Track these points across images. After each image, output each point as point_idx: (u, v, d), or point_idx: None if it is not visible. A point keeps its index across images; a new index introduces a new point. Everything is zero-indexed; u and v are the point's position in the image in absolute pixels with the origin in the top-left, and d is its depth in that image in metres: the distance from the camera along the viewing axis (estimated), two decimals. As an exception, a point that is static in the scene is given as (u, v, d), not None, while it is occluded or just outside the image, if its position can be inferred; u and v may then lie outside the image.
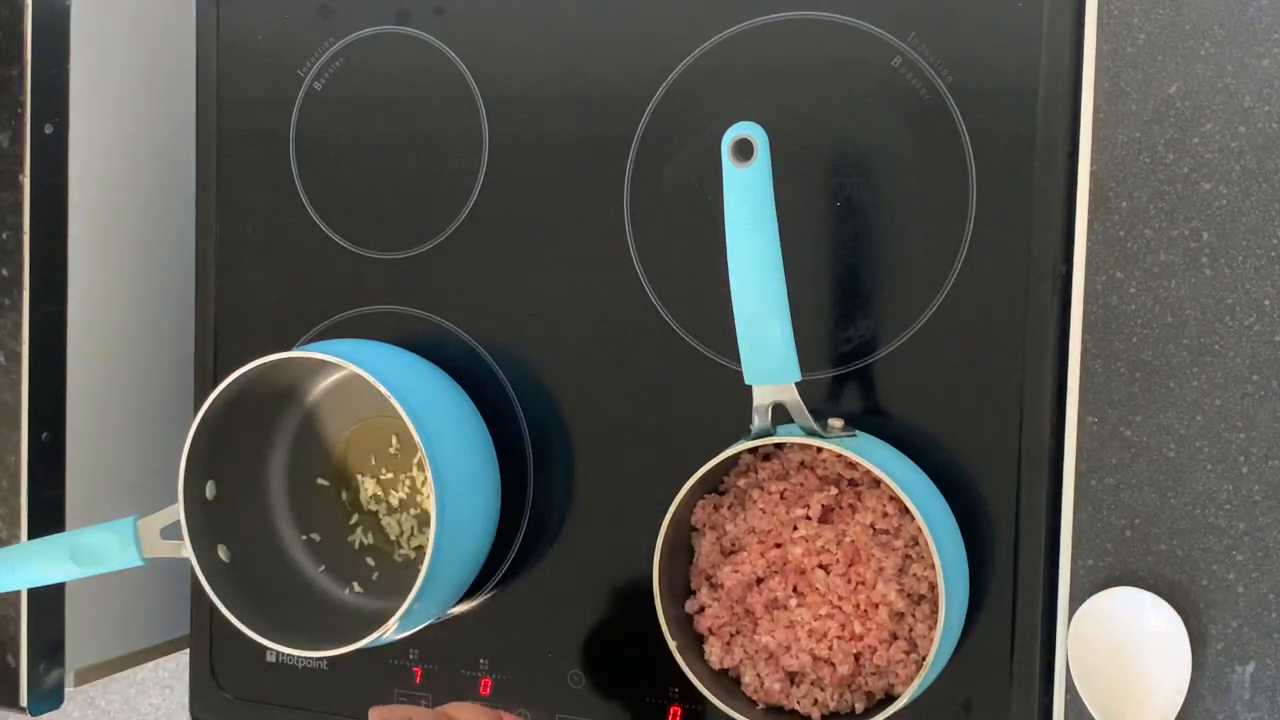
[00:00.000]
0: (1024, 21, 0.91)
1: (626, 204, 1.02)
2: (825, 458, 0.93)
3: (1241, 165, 0.85)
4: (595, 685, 1.03)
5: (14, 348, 1.13)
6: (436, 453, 0.97)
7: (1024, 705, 0.92)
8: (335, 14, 1.11)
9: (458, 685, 1.07)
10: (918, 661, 0.90)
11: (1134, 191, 0.88)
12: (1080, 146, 0.89)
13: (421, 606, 0.99)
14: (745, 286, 0.88)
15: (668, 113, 1.01)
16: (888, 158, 0.95)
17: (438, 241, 1.08)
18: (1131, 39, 0.87)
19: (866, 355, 0.96)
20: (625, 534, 1.00)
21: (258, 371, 1.02)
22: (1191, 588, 0.87)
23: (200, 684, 1.16)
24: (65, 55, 1.13)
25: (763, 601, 0.93)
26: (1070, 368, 0.89)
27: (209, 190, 1.15)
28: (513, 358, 1.06)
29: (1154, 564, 0.87)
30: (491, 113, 1.06)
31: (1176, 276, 0.87)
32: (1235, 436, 0.86)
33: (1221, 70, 0.85)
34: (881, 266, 0.96)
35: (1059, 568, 0.90)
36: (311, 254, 1.12)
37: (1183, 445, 0.87)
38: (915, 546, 0.91)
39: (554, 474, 1.05)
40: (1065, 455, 0.90)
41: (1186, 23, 0.86)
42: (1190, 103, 0.86)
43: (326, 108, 1.12)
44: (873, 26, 0.95)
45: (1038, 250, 0.91)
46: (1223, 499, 0.86)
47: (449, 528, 0.97)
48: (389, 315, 1.09)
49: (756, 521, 0.93)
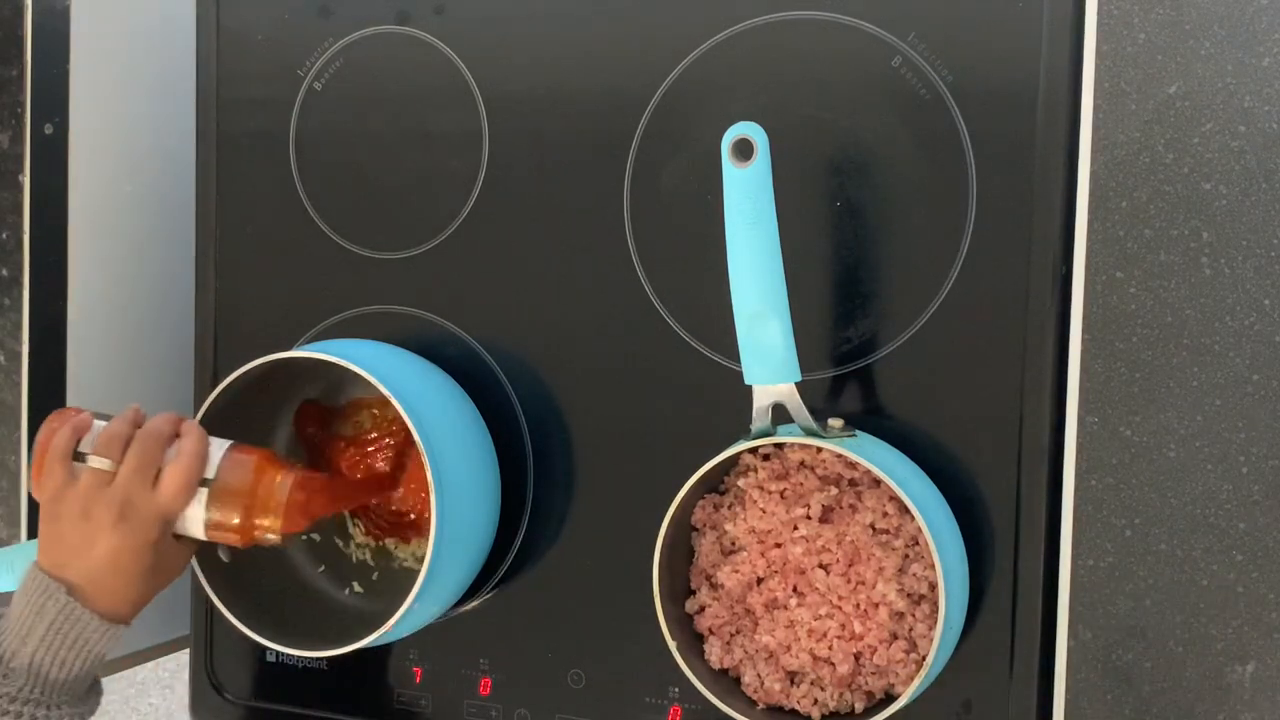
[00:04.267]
0: (1024, 21, 0.91)
1: (626, 204, 1.02)
2: (825, 458, 0.93)
3: (1241, 165, 0.85)
4: (595, 685, 1.03)
5: (14, 348, 1.13)
6: (436, 453, 0.97)
7: (1024, 705, 0.92)
8: (335, 14, 1.11)
9: (458, 685, 1.07)
10: (918, 661, 0.90)
11: (1134, 191, 0.88)
12: (1080, 146, 0.89)
13: (421, 606, 0.99)
14: (745, 286, 0.88)
15: (668, 113, 1.01)
16: (888, 158, 0.95)
17: (438, 241, 1.08)
18: (1131, 39, 0.87)
19: (866, 355, 0.96)
20: (625, 534, 1.00)
21: (258, 371, 1.02)
22: (1191, 588, 0.87)
23: (200, 684, 1.16)
24: (65, 55, 1.13)
25: (763, 601, 0.93)
26: (1070, 368, 0.89)
27: (209, 190, 1.15)
28: (513, 358, 1.06)
29: (1154, 564, 0.87)
30: (491, 113, 1.06)
31: (1176, 276, 0.87)
32: (1235, 436, 0.85)
33: (1221, 70, 0.85)
34: (881, 266, 0.96)
35: (1059, 568, 0.90)
36: (311, 254, 1.12)
37: (1183, 445, 0.87)
38: (915, 546, 0.91)
39: (554, 474, 1.05)
40: (1065, 455, 0.90)
41: (1186, 23, 0.86)
42: (1190, 103, 0.86)
43: (326, 108, 1.12)
44: (873, 26, 0.95)
45: (1038, 250, 0.91)
46: (1223, 499, 0.86)
47: (449, 528, 0.97)
48: (389, 315, 1.09)
49: (756, 521, 0.93)
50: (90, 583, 0.95)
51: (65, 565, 0.95)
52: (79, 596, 0.94)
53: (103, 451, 0.96)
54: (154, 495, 0.96)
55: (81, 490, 0.95)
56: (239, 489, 0.97)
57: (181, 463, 0.96)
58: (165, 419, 0.98)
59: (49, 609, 0.94)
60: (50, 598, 0.94)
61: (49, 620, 0.93)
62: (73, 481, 0.96)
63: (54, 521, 0.96)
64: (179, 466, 0.96)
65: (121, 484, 0.95)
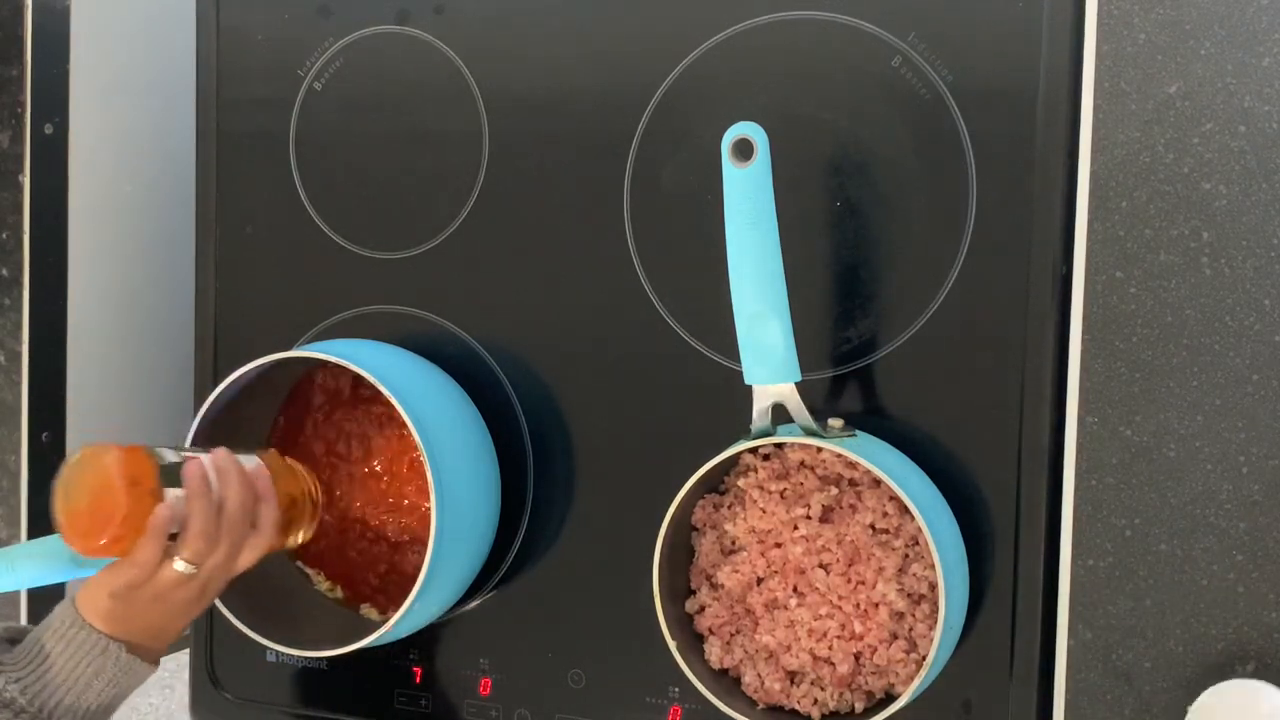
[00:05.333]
0: (1024, 21, 0.91)
1: (626, 204, 1.02)
2: (825, 458, 0.93)
3: (1241, 165, 0.85)
4: (595, 685, 1.03)
5: (14, 348, 1.13)
6: (436, 453, 0.97)
7: (1024, 705, 0.92)
8: (335, 14, 1.11)
9: (458, 685, 1.07)
10: (918, 661, 0.90)
11: (1134, 191, 0.88)
12: (1080, 146, 0.89)
13: (421, 606, 0.99)
14: (745, 286, 0.88)
15: (668, 113, 1.01)
16: (888, 158, 0.95)
17: (438, 241, 1.08)
18: (1131, 39, 0.87)
19: (866, 355, 0.96)
20: (625, 534, 1.00)
21: (258, 371, 1.02)
22: (1191, 588, 0.87)
23: (200, 684, 1.16)
24: (65, 55, 1.13)
25: (763, 601, 0.93)
26: (1070, 368, 0.89)
27: (209, 190, 1.15)
28: (513, 358, 1.06)
29: (1154, 564, 0.87)
30: (491, 113, 1.06)
31: (1176, 276, 0.87)
32: (1235, 436, 0.85)
33: (1221, 70, 0.85)
34: (881, 266, 0.96)
35: (1059, 568, 0.90)
36: (311, 254, 1.12)
37: (1183, 445, 0.87)
38: (915, 546, 0.91)
39: (554, 474, 1.05)
40: (1065, 455, 0.90)
41: (1186, 23, 0.86)
42: (1190, 103, 0.86)
43: (326, 108, 1.12)
44: (873, 26, 0.95)
45: (1038, 250, 0.91)
46: (1223, 499, 0.86)
47: (449, 528, 0.97)
48: (389, 315, 1.09)
49: (756, 521, 0.93)
50: (148, 639, 0.94)
51: (126, 630, 0.93)
52: (136, 652, 0.94)
53: (193, 559, 0.91)
54: (231, 569, 0.94)
55: (160, 585, 0.92)
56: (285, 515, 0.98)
57: (261, 540, 0.95)
58: (245, 489, 0.94)
59: (108, 668, 0.93)
60: (110, 658, 0.92)
61: (108, 678, 0.93)
62: (153, 574, 0.91)
63: (119, 600, 0.92)
64: (259, 544, 0.95)
65: (205, 574, 0.93)
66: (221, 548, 0.93)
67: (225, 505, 0.93)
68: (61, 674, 0.92)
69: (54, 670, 0.92)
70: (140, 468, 0.91)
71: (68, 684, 0.92)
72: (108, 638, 0.92)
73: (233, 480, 0.94)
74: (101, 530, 0.89)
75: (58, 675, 0.92)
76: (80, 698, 0.92)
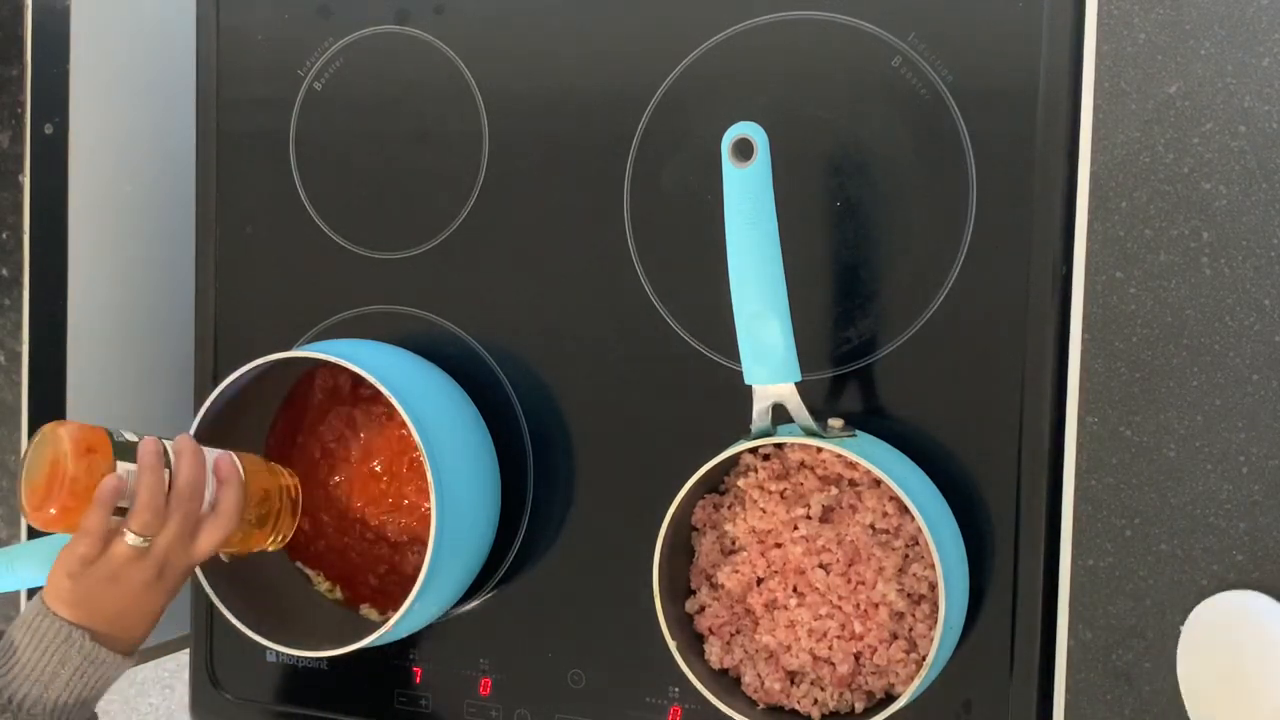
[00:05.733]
0: (1024, 21, 0.91)
1: (626, 204, 1.02)
2: (825, 458, 0.93)
3: (1241, 165, 0.85)
4: (595, 685, 1.03)
5: (14, 348, 1.13)
6: (436, 453, 0.97)
7: (1024, 705, 0.92)
8: (335, 14, 1.11)
9: (458, 685, 1.07)
10: (918, 661, 0.90)
11: (1134, 191, 0.88)
12: (1080, 146, 0.89)
13: (421, 606, 0.99)
14: (745, 286, 0.88)
15: (668, 112, 1.01)
16: (888, 158, 0.95)
17: (438, 241, 1.08)
18: (1131, 39, 0.87)
19: (866, 355, 0.96)
20: (625, 534, 1.00)
21: (258, 371, 1.02)
22: (1191, 588, 0.86)
23: (200, 684, 1.16)
24: (65, 55, 1.13)
25: (763, 601, 0.93)
26: (1070, 368, 0.89)
27: (209, 190, 1.15)
28: (513, 358, 1.06)
29: (1154, 564, 0.87)
30: (491, 113, 1.06)
31: (1176, 276, 0.87)
32: (1235, 436, 0.85)
33: (1221, 70, 0.85)
34: (881, 266, 0.96)
35: (1059, 568, 0.90)
36: (311, 254, 1.12)
37: (1183, 445, 0.87)
38: (915, 546, 0.91)
39: (554, 474, 1.05)
40: (1065, 455, 0.90)
41: (1186, 23, 0.86)
42: (1190, 103, 0.86)
43: (326, 108, 1.12)
44: (873, 26, 0.95)
45: (1038, 250, 0.91)
46: (1223, 499, 0.86)
47: (449, 528, 0.97)
48: (389, 315, 1.09)
49: (756, 521, 0.93)
50: (112, 627, 0.94)
51: (88, 615, 0.93)
52: (101, 640, 0.93)
53: (141, 530, 0.92)
54: (190, 552, 0.94)
55: (114, 561, 0.92)
56: (257, 510, 0.98)
57: (220, 522, 0.95)
58: (197, 467, 0.94)
59: (73, 656, 0.92)
60: (74, 646, 0.92)
61: (74, 667, 0.92)
62: (104, 549, 0.92)
63: (78, 580, 0.92)
64: (218, 526, 0.95)
65: (159, 552, 0.93)
66: (172, 524, 0.92)
67: (176, 480, 0.93)
68: (28, 666, 0.92)
69: (21, 662, 0.92)
70: (94, 440, 0.92)
71: (34, 675, 0.92)
72: (70, 625, 0.92)
73: (186, 457, 0.94)
74: (53, 498, 0.90)
75: (25, 667, 0.92)
76: (47, 689, 0.92)
